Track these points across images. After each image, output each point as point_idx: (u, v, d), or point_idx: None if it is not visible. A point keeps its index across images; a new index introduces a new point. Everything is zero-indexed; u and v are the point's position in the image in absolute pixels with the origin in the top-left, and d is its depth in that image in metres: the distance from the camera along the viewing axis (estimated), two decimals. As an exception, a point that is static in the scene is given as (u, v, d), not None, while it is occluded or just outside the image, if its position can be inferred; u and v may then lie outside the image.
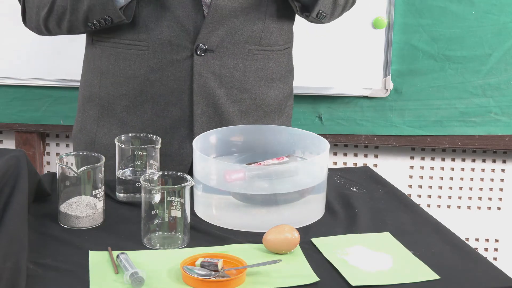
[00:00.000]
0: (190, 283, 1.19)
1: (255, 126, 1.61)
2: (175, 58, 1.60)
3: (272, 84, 1.71)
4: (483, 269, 1.28)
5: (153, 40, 1.60)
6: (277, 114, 1.74)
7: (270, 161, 1.49)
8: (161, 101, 1.63)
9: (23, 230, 1.24)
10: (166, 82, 1.62)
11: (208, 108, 1.64)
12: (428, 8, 2.41)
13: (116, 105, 1.66)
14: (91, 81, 1.69)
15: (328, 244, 1.34)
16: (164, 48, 1.60)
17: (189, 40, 1.60)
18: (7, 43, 2.44)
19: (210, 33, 1.60)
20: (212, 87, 1.63)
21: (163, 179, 1.35)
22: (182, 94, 1.62)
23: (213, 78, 1.62)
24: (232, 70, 1.64)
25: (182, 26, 1.59)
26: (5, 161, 1.29)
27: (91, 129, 1.70)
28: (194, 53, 1.60)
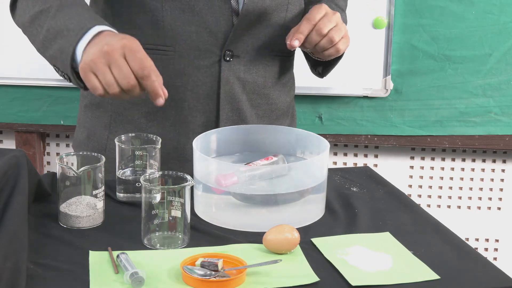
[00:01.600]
0: (190, 283, 1.19)
1: (255, 126, 1.61)
2: (202, 64, 1.59)
3: (283, 88, 1.72)
4: (483, 269, 1.28)
5: (180, 45, 1.57)
6: (285, 117, 1.75)
7: (259, 161, 1.49)
8: (185, 106, 1.61)
9: (23, 230, 1.24)
10: (192, 87, 1.60)
11: (233, 113, 1.64)
12: (428, 8, 2.41)
13: (133, 111, 1.63)
14: None
15: (328, 244, 1.34)
16: (191, 53, 1.58)
17: (216, 46, 1.58)
18: (7, 43, 2.44)
19: (238, 39, 1.59)
20: (237, 92, 1.63)
21: (163, 179, 1.35)
22: (207, 100, 1.61)
23: (238, 83, 1.62)
24: (255, 76, 1.64)
25: (211, 32, 1.57)
26: (5, 161, 1.29)
27: (102, 136, 1.67)
28: (222, 59, 1.59)
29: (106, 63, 1.27)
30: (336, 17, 1.55)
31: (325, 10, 1.55)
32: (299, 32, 1.53)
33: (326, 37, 1.53)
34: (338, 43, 1.55)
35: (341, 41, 1.56)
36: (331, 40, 1.54)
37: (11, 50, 2.45)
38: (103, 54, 1.28)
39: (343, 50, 1.58)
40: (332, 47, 1.55)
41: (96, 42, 1.32)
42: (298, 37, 1.52)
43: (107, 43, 1.29)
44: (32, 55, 2.45)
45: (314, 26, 1.53)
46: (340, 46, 1.56)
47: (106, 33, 1.34)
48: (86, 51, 1.32)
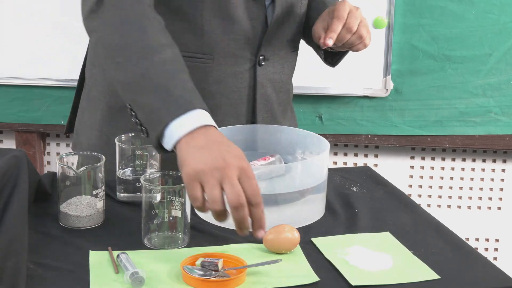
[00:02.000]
0: (190, 283, 1.19)
1: (255, 126, 1.61)
2: (237, 70, 1.59)
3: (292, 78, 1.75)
4: (483, 269, 1.28)
5: (218, 53, 1.56)
6: (290, 108, 1.78)
7: (257, 161, 1.49)
8: (220, 112, 1.60)
9: (23, 230, 1.24)
10: (227, 93, 1.60)
11: (267, 114, 1.66)
12: (428, 8, 2.41)
13: None
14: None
15: (328, 244, 1.34)
16: (228, 61, 1.58)
17: (250, 51, 1.59)
18: (7, 43, 2.44)
19: (269, 43, 1.60)
20: (269, 94, 1.65)
21: (163, 178, 1.35)
22: (241, 104, 1.62)
23: (270, 85, 1.64)
24: (281, 74, 1.67)
25: (247, 38, 1.57)
26: (5, 161, 1.29)
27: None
28: (257, 64, 1.60)
29: (218, 179, 1.18)
30: (359, 12, 1.58)
31: (349, 7, 1.57)
32: (331, 31, 1.55)
33: (356, 34, 1.56)
34: (365, 38, 1.59)
35: (368, 35, 1.60)
36: (360, 36, 1.57)
37: (11, 50, 2.45)
38: (218, 170, 1.18)
39: (368, 44, 1.62)
40: (361, 42, 1.59)
41: (204, 145, 1.21)
42: (331, 36, 1.54)
43: (223, 157, 1.19)
44: (32, 55, 2.45)
45: (344, 23, 1.55)
46: (367, 41, 1.60)
47: (213, 133, 1.24)
48: (192, 152, 1.21)
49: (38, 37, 2.42)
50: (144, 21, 1.35)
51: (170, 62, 1.32)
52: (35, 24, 2.42)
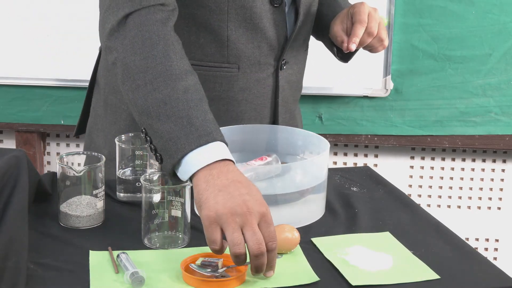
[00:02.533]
0: (190, 283, 1.19)
1: (255, 126, 1.61)
2: (261, 76, 1.60)
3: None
4: (483, 269, 1.28)
5: (243, 62, 1.57)
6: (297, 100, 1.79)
7: (254, 161, 1.49)
8: (245, 118, 1.62)
9: (23, 230, 1.24)
10: (252, 99, 1.61)
11: (287, 115, 1.68)
12: (428, 8, 2.41)
13: None
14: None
15: (328, 244, 1.34)
16: (253, 68, 1.59)
17: (273, 57, 1.60)
18: (7, 43, 2.44)
19: (292, 47, 1.62)
20: (288, 95, 1.67)
21: (163, 178, 1.35)
22: (263, 108, 1.63)
23: (288, 87, 1.66)
24: (297, 75, 1.69)
25: (270, 45, 1.58)
26: (5, 161, 1.29)
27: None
28: (278, 69, 1.61)
29: (239, 224, 1.16)
30: (377, 14, 1.60)
31: (368, 9, 1.59)
32: (354, 35, 1.57)
33: (376, 37, 1.59)
34: (385, 40, 1.62)
35: (386, 37, 1.63)
36: (381, 39, 1.60)
37: (11, 50, 2.45)
38: (239, 214, 1.16)
39: (387, 45, 1.65)
40: (381, 45, 1.62)
41: (225, 187, 1.19)
42: (354, 41, 1.57)
43: (244, 202, 1.17)
44: (32, 55, 2.45)
45: (366, 28, 1.57)
46: (386, 42, 1.63)
47: (233, 171, 1.22)
48: (212, 193, 1.19)
49: (38, 37, 2.42)
50: (168, 45, 1.32)
51: (192, 90, 1.29)
52: (35, 24, 2.42)
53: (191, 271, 1.21)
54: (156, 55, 1.30)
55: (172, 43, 1.33)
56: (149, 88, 1.28)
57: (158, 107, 1.27)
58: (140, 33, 1.32)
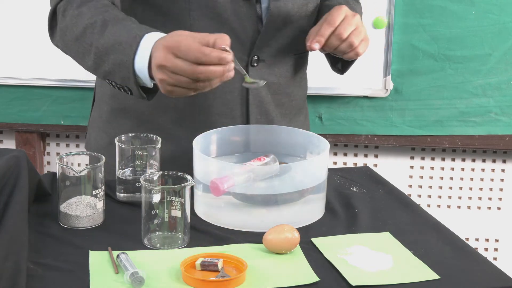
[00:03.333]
0: (190, 283, 1.19)
1: (255, 126, 1.61)
2: None
3: (300, 82, 1.74)
4: (483, 269, 1.28)
5: None
6: (301, 110, 1.76)
7: (252, 162, 1.49)
8: (213, 112, 1.60)
9: (23, 230, 1.24)
10: (220, 94, 1.59)
11: (261, 116, 1.64)
12: (428, 8, 2.41)
13: (160, 118, 1.61)
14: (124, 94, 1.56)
15: (328, 244, 1.34)
16: None
17: (243, 52, 1.58)
18: (7, 43, 2.44)
19: (264, 44, 1.59)
20: (264, 95, 1.63)
21: (163, 179, 1.35)
22: (235, 105, 1.61)
23: (264, 86, 1.62)
24: (279, 77, 1.65)
25: (238, 38, 1.56)
26: (5, 161, 1.29)
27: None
28: (249, 65, 1.59)
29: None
30: (356, 19, 1.56)
31: (345, 13, 1.55)
32: (319, 35, 1.54)
33: (346, 41, 1.54)
34: (357, 47, 1.56)
35: (360, 44, 1.57)
36: (350, 45, 1.55)
37: (11, 50, 2.45)
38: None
39: (362, 53, 1.59)
40: (352, 51, 1.57)
41: (165, 59, 1.31)
42: (318, 40, 1.54)
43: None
44: (32, 55, 2.45)
45: (335, 30, 1.54)
46: (359, 50, 1.57)
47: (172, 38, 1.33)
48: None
49: (38, 37, 2.42)
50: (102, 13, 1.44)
51: (108, 21, 1.41)
52: (35, 24, 2.42)
53: (191, 271, 1.21)
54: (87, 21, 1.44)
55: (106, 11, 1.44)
56: (84, 46, 1.44)
57: (95, 54, 1.41)
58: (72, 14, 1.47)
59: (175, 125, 1.62)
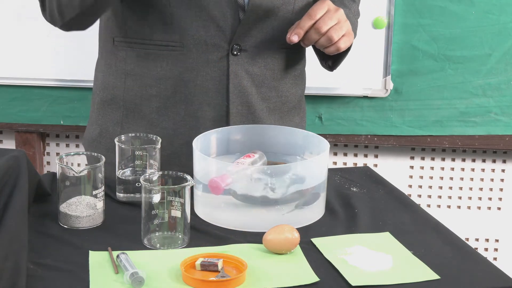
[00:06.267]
0: (190, 283, 1.19)
1: (255, 126, 1.61)
2: (210, 58, 1.59)
3: (295, 80, 1.73)
4: (483, 269, 1.28)
5: (187, 40, 1.58)
6: (297, 110, 1.75)
7: (242, 159, 1.49)
8: (195, 101, 1.62)
9: (23, 230, 1.24)
10: (201, 82, 1.60)
11: (243, 107, 1.64)
12: (428, 8, 2.41)
13: (145, 107, 1.64)
14: (113, 84, 1.67)
15: (328, 244, 1.34)
16: (199, 48, 1.59)
17: (224, 40, 1.59)
18: (7, 43, 2.44)
19: (246, 34, 1.59)
20: (246, 86, 1.63)
21: (163, 179, 1.35)
22: (217, 94, 1.62)
23: (247, 77, 1.63)
24: (263, 69, 1.65)
25: (218, 26, 1.57)
26: (5, 161, 1.29)
27: (114, 132, 1.66)
28: (230, 53, 1.60)
29: None
30: (338, 14, 1.55)
31: (327, 7, 1.55)
32: (298, 27, 1.54)
33: (325, 35, 1.54)
34: (338, 42, 1.56)
35: (341, 39, 1.56)
36: (330, 39, 1.54)
37: (11, 50, 2.45)
38: None
39: (343, 49, 1.58)
40: (332, 45, 1.56)
41: None
42: (297, 32, 1.54)
43: None
44: (32, 55, 2.45)
45: (314, 23, 1.53)
46: (340, 44, 1.56)
47: None
48: None
49: (38, 37, 2.42)
50: None
51: None
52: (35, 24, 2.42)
53: (191, 271, 1.21)
54: None
55: None
56: None
57: None
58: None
59: (159, 114, 1.63)
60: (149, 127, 1.62)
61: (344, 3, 1.69)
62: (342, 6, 1.67)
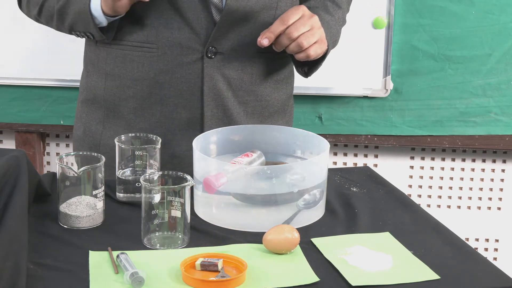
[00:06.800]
0: (190, 283, 1.19)
1: (255, 126, 1.61)
2: (185, 61, 1.60)
3: (277, 85, 1.71)
4: (483, 269, 1.28)
5: (163, 42, 1.59)
6: (280, 114, 1.74)
7: (240, 158, 1.49)
8: (170, 103, 1.62)
9: (23, 230, 1.24)
10: (176, 84, 1.61)
11: (218, 110, 1.64)
12: (428, 8, 2.41)
13: (123, 107, 1.65)
14: (95, 83, 1.69)
15: (328, 244, 1.34)
16: (174, 50, 1.59)
17: (199, 43, 1.59)
18: (7, 43, 2.44)
19: (221, 37, 1.59)
20: (221, 89, 1.63)
21: (163, 179, 1.35)
22: (191, 96, 1.62)
23: (222, 80, 1.62)
24: (241, 73, 1.64)
25: (192, 29, 1.58)
26: (5, 161, 1.29)
27: (97, 131, 1.69)
28: (205, 56, 1.60)
29: None
30: (312, 21, 1.55)
31: (301, 12, 1.54)
32: (270, 31, 1.54)
33: (295, 42, 1.53)
34: (308, 49, 1.55)
35: (312, 47, 1.55)
36: (300, 46, 1.54)
37: (11, 50, 2.45)
38: None
39: (313, 56, 1.57)
40: (302, 52, 1.55)
41: None
42: (268, 36, 1.54)
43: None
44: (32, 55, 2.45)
45: (286, 28, 1.53)
46: (310, 52, 1.56)
47: None
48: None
49: (38, 37, 2.42)
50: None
51: None
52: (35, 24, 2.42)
53: (191, 271, 1.21)
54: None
55: None
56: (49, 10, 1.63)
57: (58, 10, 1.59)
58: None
59: (136, 115, 1.65)
60: (127, 128, 1.64)
61: (328, 10, 1.68)
62: (325, 12, 1.66)
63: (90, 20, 1.55)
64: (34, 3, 1.65)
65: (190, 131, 1.63)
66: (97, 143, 1.68)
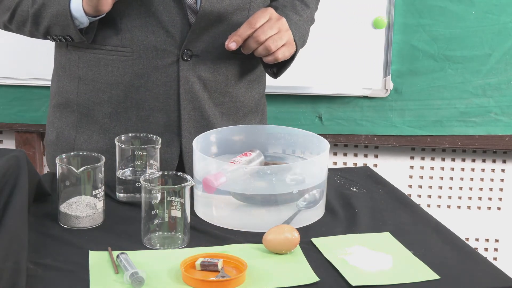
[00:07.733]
0: (190, 283, 1.19)
1: (255, 126, 1.61)
2: (160, 64, 1.59)
3: (250, 85, 1.72)
4: (483, 269, 1.28)
5: (137, 46, 1.58)
6: (254, 114, 1.75)
7: (238, 157, 1.49)
8: (146, 106, 1.62)
9: (23, 230, 1.24)
10: (152, 87, 1.60)
11: (195, 112, 1.64)
12: (428, 8, 2.41)
13: (97, 112, 1.64)
14: (67, 87, 1.67)
15: (328, 244, 1.34)
16: (149, 54, 1.59)
17: (174, 46, 1.59)
18: (7, 43, 2.44)
19: (197, 39, 1.59)
20: (198, 91, 1.62)
21: (163, 179, 1.35)
22: (167, 99, 1.61)
23: (199, 82, 1.62)
24: (216, 74, 1.64)
25: (167, 32, 1.57)
26: (5, 161, 1.29)
27: (70, 136, 1.68)
28: (180, 59, 1.59)
29: None
30: (279, 23, 1.55)
31: (269, 15, 1.55)
32: (237, 35, 1.54)
33: (262, 45, 1.54)
34: (276, 52, 1.56)
35: (280, 50, 1.56)
36: (267, 49, 1.54)
37: (11, 50, 2.45)
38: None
39: (281, 59, 1.58)
40: (270, 55, 1.56)
41: None
42: (235, 40, 1.54)
43: None
44: (32, 55, 2.45)
45: (253, 32, 1.53)
46: (278, 55, 1.56)
47: None
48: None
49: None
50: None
51: None
52: (35, 24, 2.42)
53: (191, 271, 1.21)
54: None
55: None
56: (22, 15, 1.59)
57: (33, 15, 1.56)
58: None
59: (111, 120, 1.64)
60: (102, 132, 1.64)
61: (296, 9, 1.68)
62: (294, 12, 1.66)
63: (69, 22, 1.52)
64: (4, 9, 1.61)
65: (167, 134, 1.62)
66: (71, 148, 1.66)
